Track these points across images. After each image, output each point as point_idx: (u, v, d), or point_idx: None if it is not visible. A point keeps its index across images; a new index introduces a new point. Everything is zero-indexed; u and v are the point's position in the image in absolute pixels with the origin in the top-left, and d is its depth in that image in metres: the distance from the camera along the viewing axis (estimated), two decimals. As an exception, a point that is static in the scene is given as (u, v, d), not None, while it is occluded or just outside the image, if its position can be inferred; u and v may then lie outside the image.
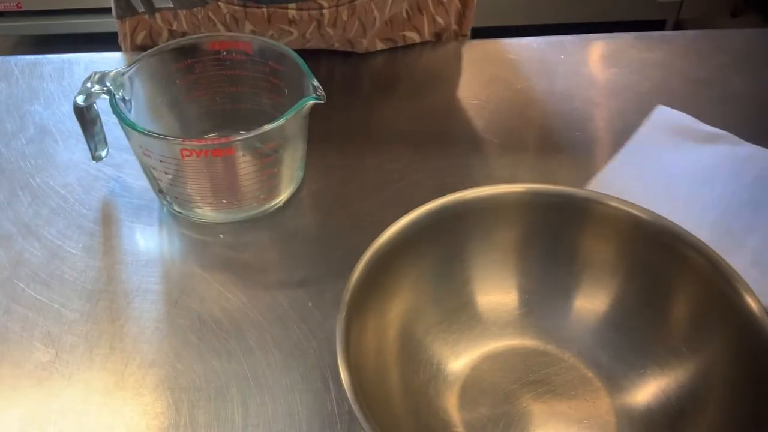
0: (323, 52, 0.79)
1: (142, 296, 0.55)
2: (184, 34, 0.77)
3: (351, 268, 0.45)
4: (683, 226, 0.47)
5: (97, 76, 0.57)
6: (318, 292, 0.55)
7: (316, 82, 0.55)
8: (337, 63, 0.78)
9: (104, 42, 1.07)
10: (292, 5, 0.69)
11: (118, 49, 0.80)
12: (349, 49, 0.78)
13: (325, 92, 0.55)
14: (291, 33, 0.73)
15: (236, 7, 0.69)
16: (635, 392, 0.47)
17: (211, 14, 0.71)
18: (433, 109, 0.71)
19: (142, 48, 0.77)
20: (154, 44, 0.77)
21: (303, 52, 0.59)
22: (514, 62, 0.77)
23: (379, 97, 0.73)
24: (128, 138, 0.57)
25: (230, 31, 0.72)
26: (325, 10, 0.70)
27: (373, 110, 0.71)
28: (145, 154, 0.56)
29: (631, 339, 0.49)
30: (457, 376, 0.49)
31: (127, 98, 0.57)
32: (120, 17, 0.76)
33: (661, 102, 0.73)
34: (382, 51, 0.78)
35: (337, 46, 0.77)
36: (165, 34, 0.77)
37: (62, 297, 0.55)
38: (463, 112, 0.71)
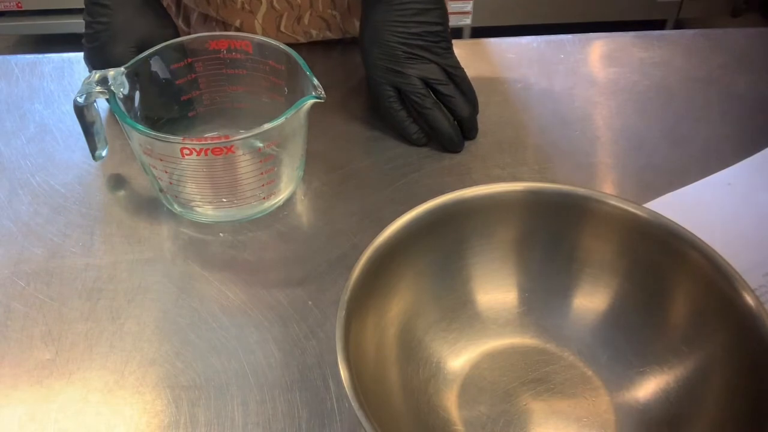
0: (323, 50, 0.79)
1: (142, 295, 0.55)
2: (179, 1, 0.78)
3: (351, 266, 0.45)
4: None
5: (97, 75, 0.57)
6: (318, 290, 0.55)
7: (315, 81, 0.55)
8: (337, 62, 0.78)
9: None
10: None
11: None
12: (326, 33, 0.78)
13: (324, 91, 0.55)
14: (260, 0, 0.73)
15: None
16: (634, 391, 0.48)
17: None
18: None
19: None
20: None
21: (302, 51, 0.59)
22: (514, 62, 0.77)
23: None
24: (128, 137, 0.57)
25: None
26: None
27: (373, 109, 0.71)
28: (145, 153, 0.56)
29: (631, 337, 0.49)
30: (456, 374, 0.49)
31: (127, 97, 0.58)
32: None
33: (660, 101, 0.73)
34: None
35: (312, 32, 0.77)
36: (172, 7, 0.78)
37: (62, 295, 0.55)
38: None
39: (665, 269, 0.47)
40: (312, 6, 0.75)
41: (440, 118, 0.65)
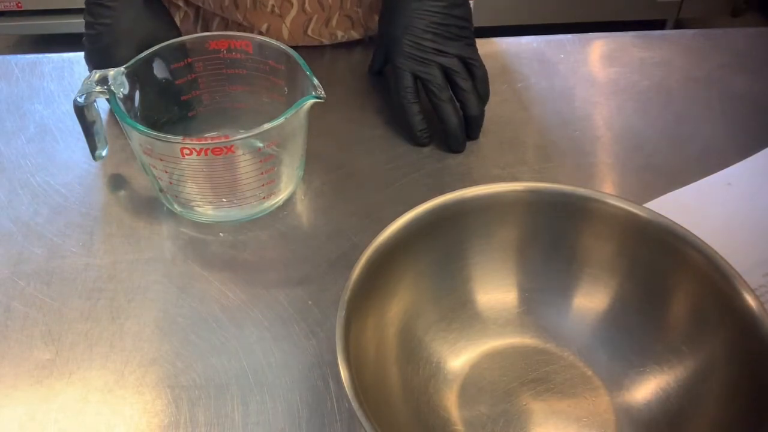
0: (324, 51, 0.79)
1: (143, 295, 0.55)
2: (198, 9, 0.78)
3: (351, 266, 0.45)
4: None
5: (97, 75, 0.57)
6: (318, 290, 0.55)
7: (315, 81, 0.55)
8: (337, 61, 0.78)
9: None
10: None
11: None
12: (351, 32, 0.78)
13: (324, 91, 0.55)
14: (291, 3, 0.73)
15: None
16: (634, 390, 0.48)
17: None
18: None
19: None
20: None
21: (302, 51, 0.59)
22: (513, 61, 0.77)
23: (379, 95, 0.73)
24: (128, 137, 0.57)
25: None
26: None
27: (373, 109, 0.71)
28: (145, 153, 0.56)
29: (631, 337, 0.49)
30: (456, 374, 0.49)
31: (127, 97, 0.58)
32: None
33: (660, 101, 0.73)
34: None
35: (338, 33, 0.77)
36: (182, 7, 0.79)
37: (62, 295, 0.55)
38: (463, 111, 0.71)
39: (665, 269, 0.47)
40: (341, 5, 0.76)
41: (451, 114, 0.66)
